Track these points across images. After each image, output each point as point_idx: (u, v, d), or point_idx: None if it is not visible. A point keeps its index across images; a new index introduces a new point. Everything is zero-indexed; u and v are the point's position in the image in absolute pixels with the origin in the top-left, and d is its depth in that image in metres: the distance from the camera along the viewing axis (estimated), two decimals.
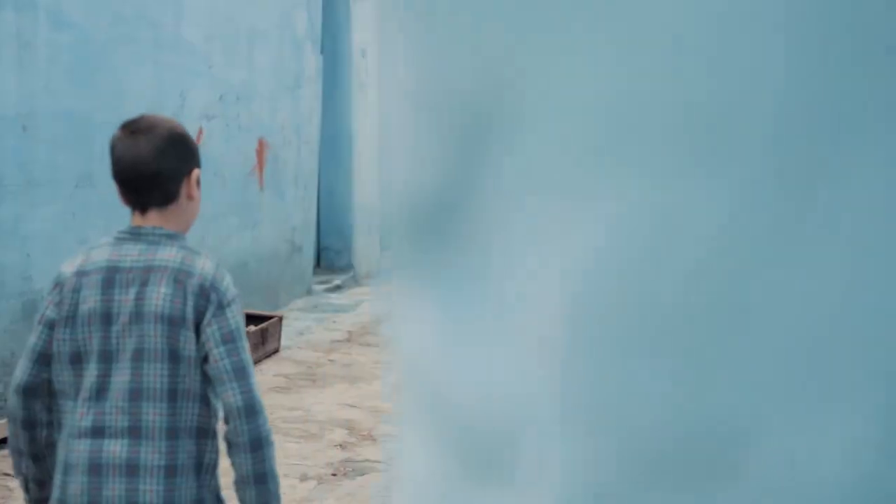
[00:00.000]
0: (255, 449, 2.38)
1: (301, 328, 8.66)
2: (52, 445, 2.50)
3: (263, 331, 7.27)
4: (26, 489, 2.57)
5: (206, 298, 2.37)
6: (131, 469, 2.34)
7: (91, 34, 6.12)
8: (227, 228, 8.18)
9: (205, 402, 2.42)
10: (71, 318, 2.38)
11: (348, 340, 8.29)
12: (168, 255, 2.39)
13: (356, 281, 11.71)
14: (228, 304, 2.39)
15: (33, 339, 2.42)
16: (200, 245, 7.52)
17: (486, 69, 0.40)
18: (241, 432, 2.37)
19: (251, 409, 2.37)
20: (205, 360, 2.38)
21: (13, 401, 2.44)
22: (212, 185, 7.83)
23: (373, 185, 12.39)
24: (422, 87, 0.43)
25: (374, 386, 6.90)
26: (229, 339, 2.37)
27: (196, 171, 2.47)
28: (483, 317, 0.42)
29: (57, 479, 2.41)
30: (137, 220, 2.43)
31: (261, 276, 8.87)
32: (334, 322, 9.04)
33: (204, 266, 2.40)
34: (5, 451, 5.10)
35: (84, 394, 2.37)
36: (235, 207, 8.32)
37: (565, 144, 0.38)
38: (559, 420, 0.39)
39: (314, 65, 10.11)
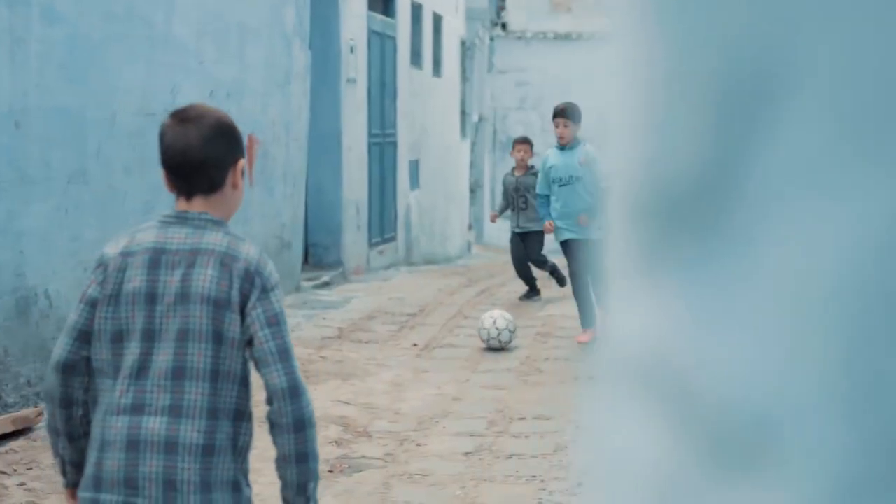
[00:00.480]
0: (298, 430, 2.44)
1: (291, 325, 8.58)
2: (87, 425, 2.52)
3: None
4: (63, 472, 2.59)
5: (251, 282, 2.41)
6: (170, 446, 2.38)
7: (83, 30, 6.09)
8: None
9: (244, 384, 2.47)
10: (114, 297, 2.42)
11: (339, 337, 8.27)
12: (214, 239, 2.44)
13: (344, 277, 11.69)
14: (272, 289, 2.45)
15: (74, 316, 2.46)
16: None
17: (749, 53, 0.40)
18: (285, 413, 2.42)
19: (295, 391, 2.43)
20: (249, 342, 2.43)
21: (52, 378, 2.47)
22: None
23: (360, 182, 12.37)
24: (681, 73, 0.43)
25: (367, 383, 6.89)
26: (274, 323, 2.42)
27: (241, 161, 2.52)
28: (740, 304, 0.42)
29: (92, 455, 2.43)
30: (182, 205, 2.48)
31: None
32: (324, 319, 9.02)
33: (249, 251, 2.46)
34: (3, 448, 5.09)
35: (125, 371, 2.41)
36: None
37: (829, 136, 0.39)
38: (817, 409, 0.39)
39: (303, 61, 10.08)
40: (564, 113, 7.83)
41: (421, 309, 9.47)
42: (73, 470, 2.56)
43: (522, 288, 10.38)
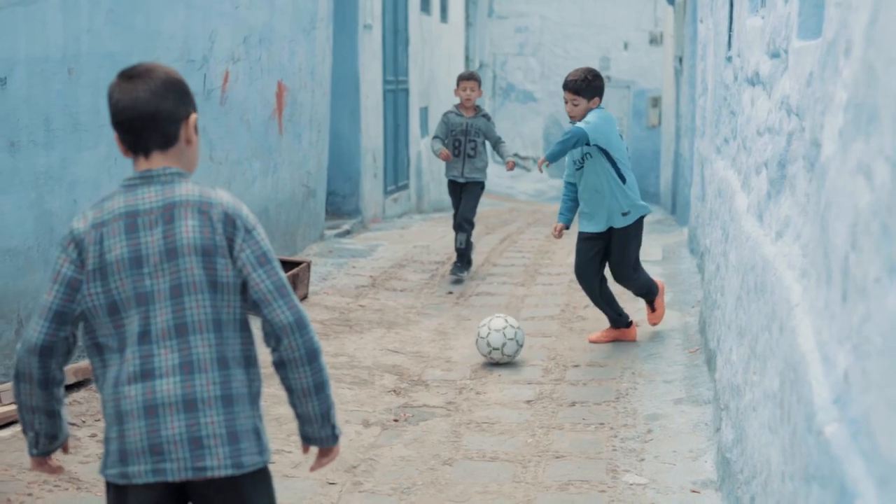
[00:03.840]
0: (312, 360, 2.45)
1: (323, 273, 8.59)
2: (62, 399, 2.50)
3: (294, 276, 7.19)
4: (36, 444, 2.53)
5: (233, 225, 2.39)
6: (188, 404, 2.33)
7: None
8: (251, 173, 8.06)
9: (246, 328, 2.44)
10: (99, 271, 2.35)
11: (373, 286, 8.23)
12: (186, 190, 2.39)
13: (363, 225, 11.62)
14: (253, 228, 2.43)
15: (49, 297, 2.37)
16: (228, 189, 7.41)
17: None
18: (297, 346, 2.42)
19: (301, 322, 2.43)
20: (243, 286, 2.41)
21: (29, 360, 2.40)
22: (238, 131, 7.71)
23: (376, 130, 12.25)
24: None
25: (411, 331, 6.86)
26: (265, 261, 2.41)
27: (194, 116, 2.45)
28: None
29: (112, 431, 2.36)
30: (142, 164, 2.40)
31: (280, 222, 8.78)
32: (354, 267, 8.97)
33: (221, 196, 2.43)
34: (66, 399, 5.03)
35: (129, 340, 2.35)
36: (258, 151, 8.20)
37: None
38: None
39: (326, 5, 9.93)
40: (571, 87, 6.37)
41: (448, 257, 9.42)
42: (46, 441, 2.53)
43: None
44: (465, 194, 8.41)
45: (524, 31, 24.14)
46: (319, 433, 2.53)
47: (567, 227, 6.57)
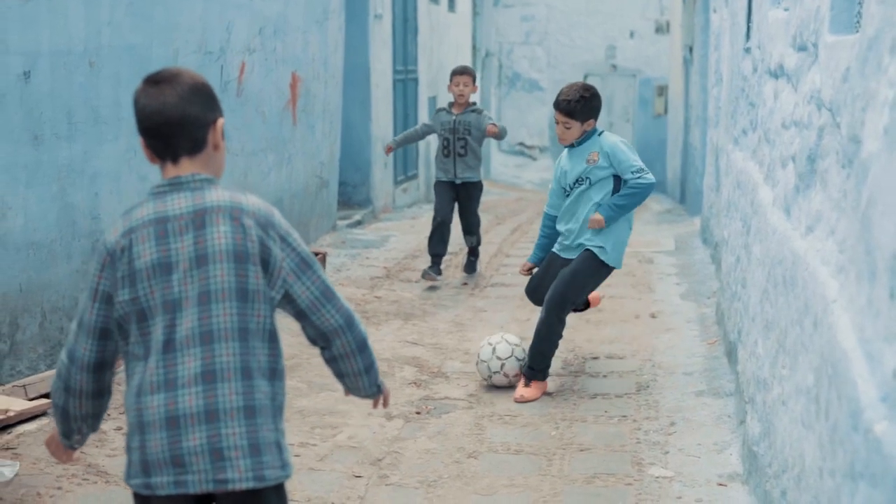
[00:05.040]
0: (362, 350, 2.53)
1: (337, 264, 8.59)
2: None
3: None
4: (77, 441, 2.56)
5: (265, 232, 2.36)
6: (210, 415, 2.29)
7: None
8: (266, 164, 8.06)
9: (274, 340, 2.40)
10: (128, 277, 2.31)
11: (387, 277, 8.23)
12: (217, 196, 2.36)
13: (374, 216, 11.62)
14: (288, 233, 2.42)
15: (90, 316, 2.36)
16: (244, 181, 7.41)
17: None
18: (349, 342, 2.49)
19: (351, 321, 2.48)
20: (287, 297, 2.40)
21: (80, 377, 2.40)
22: (253, 122, 7.71)
23: (387, 119, 12.24)
24: None
25: (428, 322, 6.87)
26: (305, 267, 2.41)
27: (221, 121, 2.42)
28: None
29: (135, 441, 2.33)
30: (171, 171, 2.37)
31: (294, 213, 8.78)
32: (367, 258, 8.98)
33: (253, 202, 2.40)
34: None
35: (153, 348, 2.31)
36: (273, 143, 8.20)
37: None
38: None
39: None
40: (563, 108, 5.36)
41: (460, 248, 9.42)
42: (81, 438, 2.56)
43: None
44: (462, 202, 7.92)
45: (530, 19, 24.10)
46: (367, 392, 2.65)
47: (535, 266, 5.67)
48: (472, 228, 8.06)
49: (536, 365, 5.35)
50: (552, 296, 5.34)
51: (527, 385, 5.35)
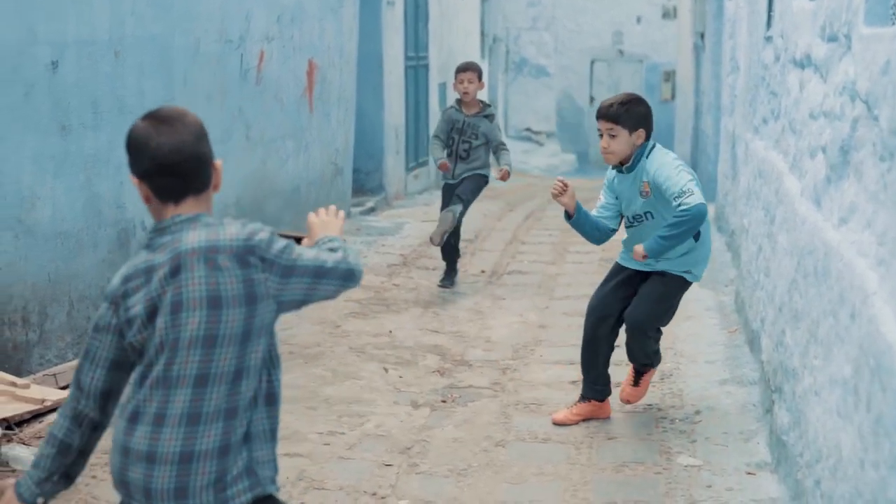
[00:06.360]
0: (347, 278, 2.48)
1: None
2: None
3: None
4: (43, 483, 2.45)
5: (245, 264, 2.32)
6: (185, 457, 2.30)
7: None
8: (285, 152, 8.08)
9: (275, 367, 2.41)
10: (126, 323, 2.33)
11: (405, 264, 8.26)
12: (192, 238, 2.32)
13: (387, 202, 11.64)
14: (268, 250, 2.35)
15: (102, 350, 2.37)
16: (262, 169, 7.43)
17: None
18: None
19: (349, 276, 2.43)
20: (285, 304, 2.38)
21: (87, 403, 2.40)
22: (272, 110, 7.72)
23: (399, 106, 12.24)
24: None
25: (448, 311, 6.89)
26: (291, 271, 2.36)
27: (219, 161, 2.41)
28: None
29: (115, 459, 2.35)
30: (171, 211, 2.34)
31: (310, 200, 8.80)
32: (383, 245, 9.00)
33: (230, 234, 2.33)
34: None
35: (150, 381, 2.32)
36: (291, 130, 8.21)
37: None
38: None
39: None
40: (604, 113, 4.63)
41: (475, 235, 9.45)
42: (58, 483, 2.46)
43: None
44: (463, 182, 7.48)
45: (537, 4, 24.04)
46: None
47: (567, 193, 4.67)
48: (460, 198, 7.46)
49: (645, 360, 4.88)
50: (635, 321, 4.76)
51: (635, 384, 4.95)
